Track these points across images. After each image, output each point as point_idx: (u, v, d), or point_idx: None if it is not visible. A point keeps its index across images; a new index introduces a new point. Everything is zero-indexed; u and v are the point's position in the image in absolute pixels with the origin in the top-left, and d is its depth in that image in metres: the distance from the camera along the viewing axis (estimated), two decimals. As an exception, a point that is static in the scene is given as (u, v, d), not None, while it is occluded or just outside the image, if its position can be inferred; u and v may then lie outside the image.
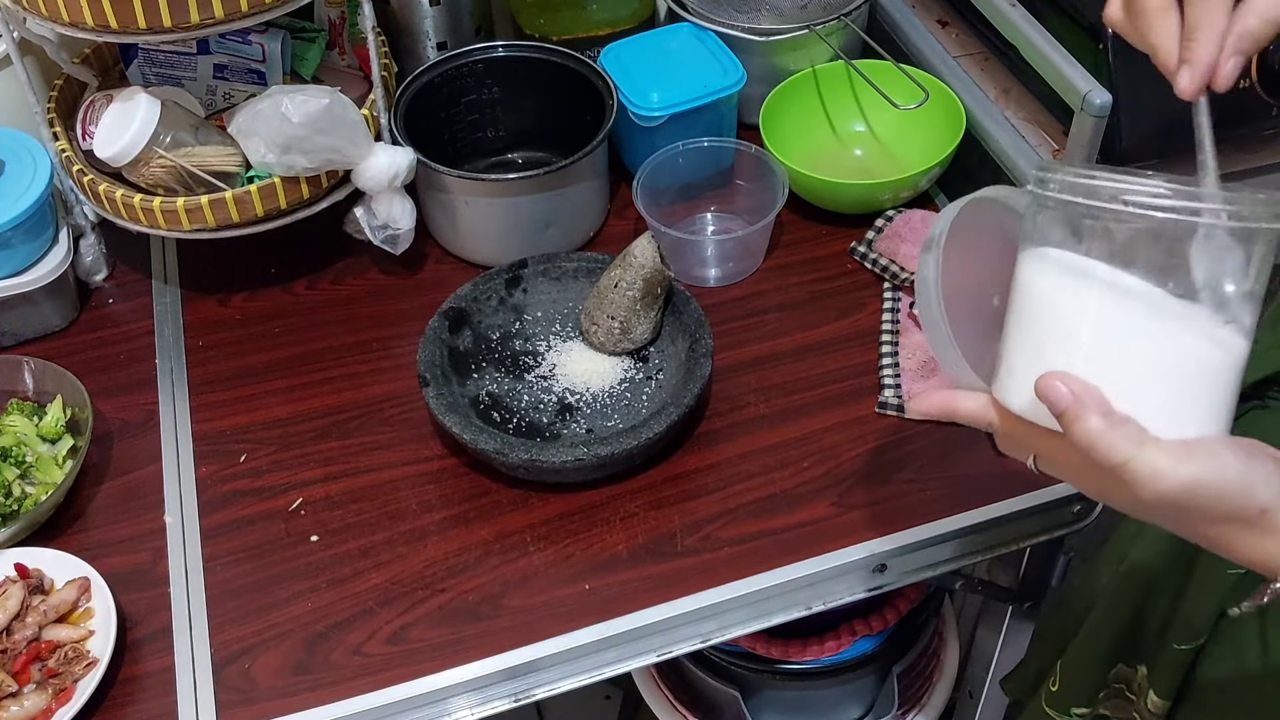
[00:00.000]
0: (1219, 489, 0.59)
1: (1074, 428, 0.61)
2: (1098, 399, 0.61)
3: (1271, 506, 0.59)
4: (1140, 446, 0.59)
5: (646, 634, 0.95)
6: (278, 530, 1.02)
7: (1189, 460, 0.59)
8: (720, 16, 1.30)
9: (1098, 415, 0.60)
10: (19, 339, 1.18)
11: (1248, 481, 0.59)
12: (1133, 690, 0.90)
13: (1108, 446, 0.60)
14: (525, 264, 1.16)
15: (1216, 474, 0.59)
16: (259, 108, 1.07)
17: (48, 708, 0.89)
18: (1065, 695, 0.96)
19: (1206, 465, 0.59)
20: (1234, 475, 0.59)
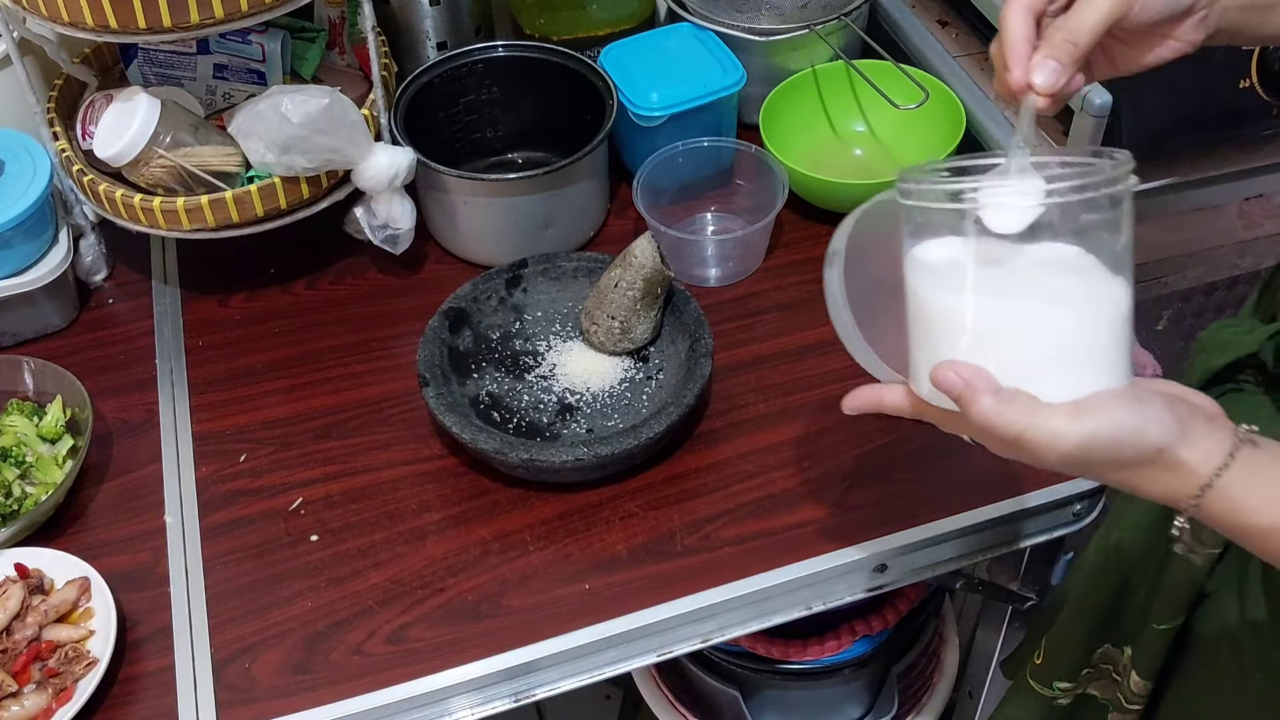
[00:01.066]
0: (1113, 440, 0.63)
1: (970, 410, 0.66)
2: (986, 380, 0.65)
3: (1165, 444, 0.63)
4: (1033, 415, 0.64)
5: (646, 634, 0.95)
6: (277, 530, 1.02)
7: (1081, 419, 0.63)
8: (720, 16, 1.30)
9: (988, 395, 0.65)
10: (19, 339, 1.18)
11: (1138, 427, 0.63)
12: (1119, 672, 0.91)
13: (1004, 422, 0.64)
14: (525, 264, 1.16)
15: (1109, 427, 0.63)
16: (259, 108, 1.07)
17: (48, 708, 0.89)
18: (1048, 669, 0.97)
19: (1099, 420, 0.63)
20: (1125, 424, 0.63)
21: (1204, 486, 0.63)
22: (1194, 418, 0.65)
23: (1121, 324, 0.67)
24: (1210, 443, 0.64)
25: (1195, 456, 0.64)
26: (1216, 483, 0.63)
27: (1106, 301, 0.67)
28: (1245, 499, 0.63)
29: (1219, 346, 0.82)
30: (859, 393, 0.76)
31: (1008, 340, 0.66)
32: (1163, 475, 0.65)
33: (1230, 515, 0.64)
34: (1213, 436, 0.64)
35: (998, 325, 0.67)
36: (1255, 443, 0.65)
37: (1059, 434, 0.63)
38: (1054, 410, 0.64)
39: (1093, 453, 0.64)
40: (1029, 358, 0.66)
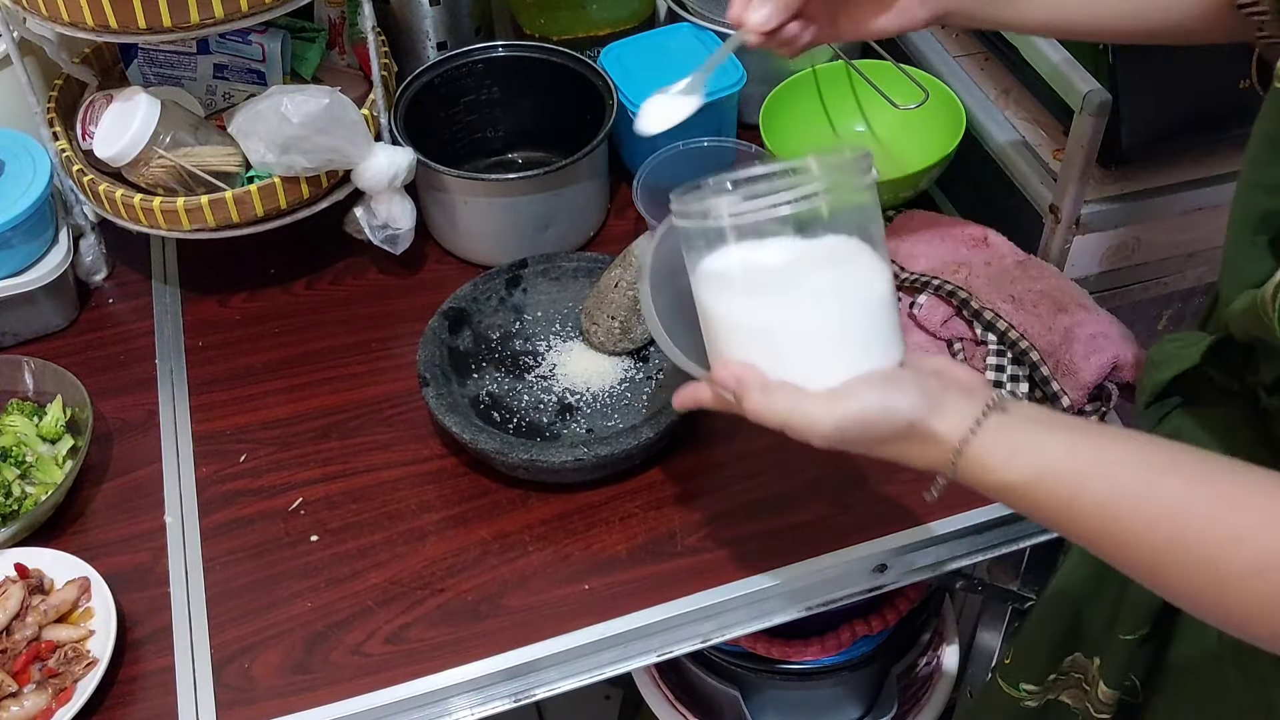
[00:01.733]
0: (863, 420, 0.69)
1: (743, 405, 0.73)
2: (755, 376, 0.73)
3: (914, 419, 0.69)
4: (794, 404, 0.71)
5: (646, 634, 0.95)
6: (277, 530, 1.02)
7: (835, 406, 0.70)
8: (720, 16, 1.30)
9: (756, 390, 0.72)
10: (19, 339, 1.18)
11: (886, 407, 0.69)
12: (1088, 681, 0.91)
13: (770, 413, 0.72)
14: (525, 264, 1.16)
15: (857, 409, 0.69)
16: (259, 108, 1.07)
17: (48, 708, 0.89)
18: (1015, 670, 0.97)
19: (848, 405, 0.70)
20: (873, 405, 0.69)
21: (954, 453, 0.68)
22: (946, 392, 0.70)
23: (877, 305, 0.73)
24: (959, 413, 0.69)
25: (944, 426, 0.68)
26: (965, 449, 0.68)
27: (860, 288, 0.73)
28: (989, 459, 0.67)
29: (1164, 361, 0.84)
30: (681, 391, 0.83)
31: (770, 336, 0.73)
32: (920, 447, 0.70)
33: (980, 475, 0.68)
34: (962, 407, 0.69)
35: (760, 323, 0.74)
36: (1005, 409, 0.69)
37: (816, 419, 0.70)
38: (812, 399, 0.70)
39: (849, 432, 0.70)
40: (791, 351, 0.73)
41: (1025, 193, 1.19)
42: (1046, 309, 1.06)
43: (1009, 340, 1.05)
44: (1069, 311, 1.06)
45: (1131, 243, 1.19)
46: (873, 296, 0.73)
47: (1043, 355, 1.04)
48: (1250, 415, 0.78)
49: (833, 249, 0.73)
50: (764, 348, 0.74)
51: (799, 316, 0.73)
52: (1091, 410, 1.05)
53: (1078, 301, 1.08)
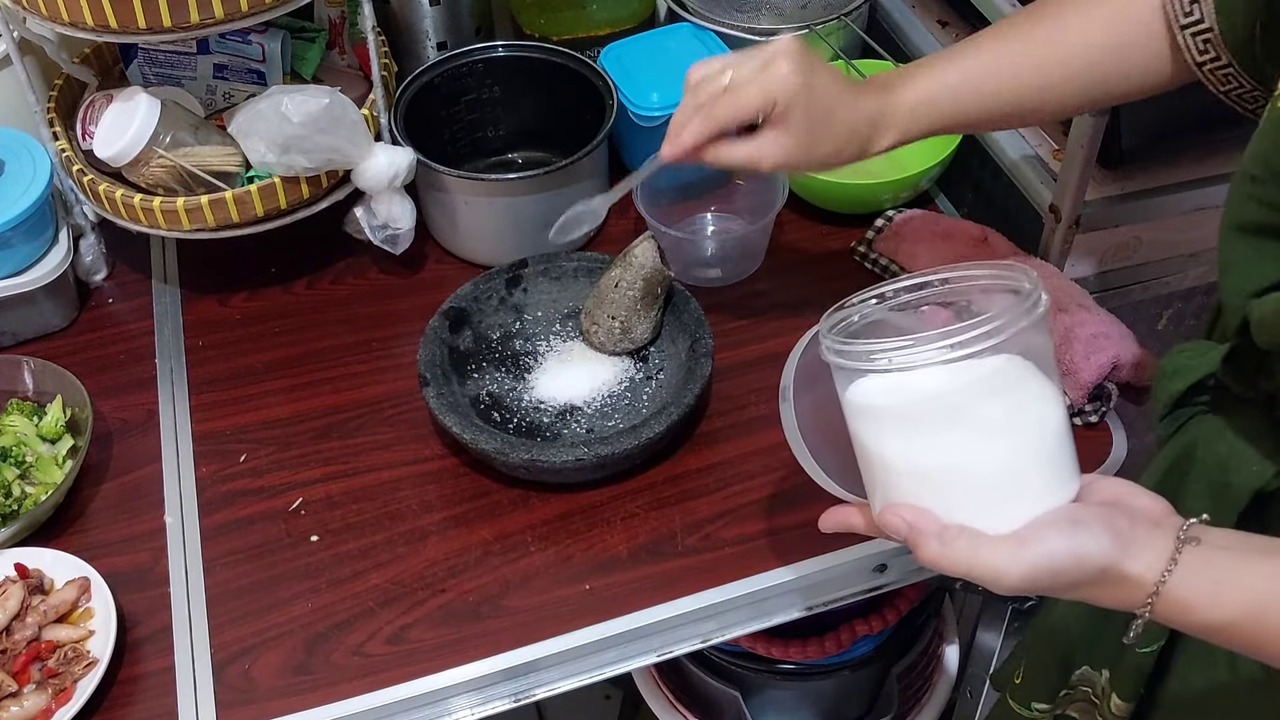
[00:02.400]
0: (1053, 569, 0.64)
1: (917, 554, 0.68)
2: (929, 522, 0.67)
3: (1107, 564, 0.64)
4: (976, 554, 0.65)
5: (646, 634, 0.95)
6: (278, 530, 1.02)
7: (1020, 553, 0.64)
8: (720, 16, 1.30)
9: (932, 539, 0.67)
10: (19, 339, 1.18)
11: (1077, 554, 0.64)
12: (1097, 694, 0.91)
13: (949, 563, 0.66)
14: (525, 264, 1.16)
15: (1047, 557, 0.64)
16: (259, 108, 1.07)
17: (48, 708, 0.89)
18: (1027, 690, 0.97)
19: (1036, 553, 0.64)
20: (1063, 553, 0.64)
21: (1152, 595, 0.64)
22: (1135, 529, 0.65)
23: (1054, 438, 0.68)
24: (1152, 552, 0.65)
25: (1139, 568, 0.64)
26: (1163, 590, 0.64)
27: (1035, 421, 0.67)
28: (1191, 600, 0.64)
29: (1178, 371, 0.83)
30: (830, 515, 0.78)
31: (942, 478, 0.67)
32: (1112, 590, 0.66)
33: (1183, 617, 0.65)
34: (1154, 544, 0.65)
35: (931, 465, 0.68)
36: (1198, 540, 0.65)
37: (1001, 571, 0.65)
38: (994, 546, 0.65)
39: (1038, 581, 0.65)
40: (966, 493, 0.67)
41: (1025, 193, 1.19)
42: (1047, 309, 1.06)
43: (1009, 340, 1.05)
44: (1069, 311, 1.06)
45: (1132, 243, 1.19)
46: (1048, 428, 0.67)
47: (1043, 356, 1.04)
48: (1267, 422, 0.77)
49: (1000, 373, 0.67)
50: (934, 490, 0.68)
51: (971, 455, 0.67)
52: (1091, 410, 1.05)
53: (1078, 301, 1.08)
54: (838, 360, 0.69)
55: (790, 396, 0.78)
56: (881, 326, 0.71)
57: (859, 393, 0.70)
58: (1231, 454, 0.78)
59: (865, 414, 0.70)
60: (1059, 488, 0.67)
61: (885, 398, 0.68)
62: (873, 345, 0.66)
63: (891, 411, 0.68)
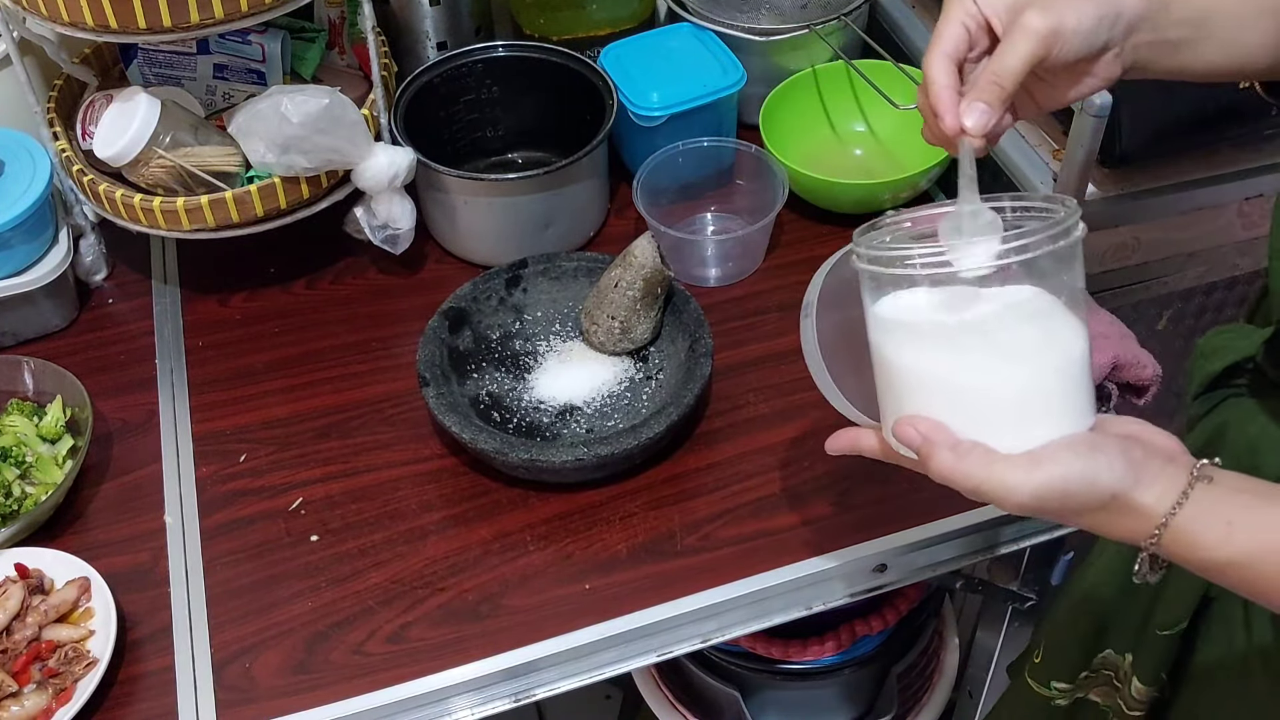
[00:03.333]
0: (1066, 491, 0.65)
1: (929, 465, 0.68)
2: (944, 435, 0.67)
3: (1118, 490, 0.65)
4: (989, 468, 0.66)
5: (646, 634, 0.95)
6: (278, 530, 1.02)
7: (1034, 472, 0.65)
8: (720, 16, 1.30)
9: (946, 450, 0.67)
10: (19, 339, 1.18)
11: (1090, 478, 0.64)
12: (1119, 678, 0.91)
13: (961, 475, 0.66)
14: (525, 264, 1.16)
15: (1060, 478, 0.65)
16: (259, 108, 1.07)
17: (48, 708, 0.89)
18: (1046, 668, 0.97)
19: (1050, 472, 0.65)
20: (1076, 474, 0.64)
21: (1160, 526, 0.65)
22: (1149, 460, 0.66)
23: (1077, 368, 0.68)
24: (1164, 483, 0.65)
25: (1149, 498, 0.65)
26: (1171, 522, 0.64)
27: (1059, 350, 0.68)
28: (1199, 536, 0.64)
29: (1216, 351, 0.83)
30: (839, 436, 0.78)
31: (963, 395, 0.68)
32: (1120, 518, 0.66)
33: (1187, 552, 0.65)
34: (1167, 477, 0.65)
35: (953, 381, 0.68)
36: (1211, 478, 0.65)
37: (1013, 487, 0.65)
38: (1009, 463, 0.66)
39: (1047, 501, 0.65)
40: (985, 411, 0.68)
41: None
42: (1047, 309, 1.06)
43: (1009, 340, 1.05)
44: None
45: (1131, 242, 1.19)
46: (1074, 357, 0.68)
47: (1043, 355, 1.04)
48: None
49: (1032, 301, 0.68)
50: (955, 405, 0.68)
51: (997, 375, 0.67)
52: (1091, 410, 1.05)
53: (1078, 301, 1.08)
54: (871, 268, 0.69)
55: (813, 312, 0.78)
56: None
57: (887, 306, 0.70)
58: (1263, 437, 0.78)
59: (891, 328, 0.70)
60: (1076, 416, 0.68)
61: (913, 313, 0.69)
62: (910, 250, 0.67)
63: (918, 326, 0.69)
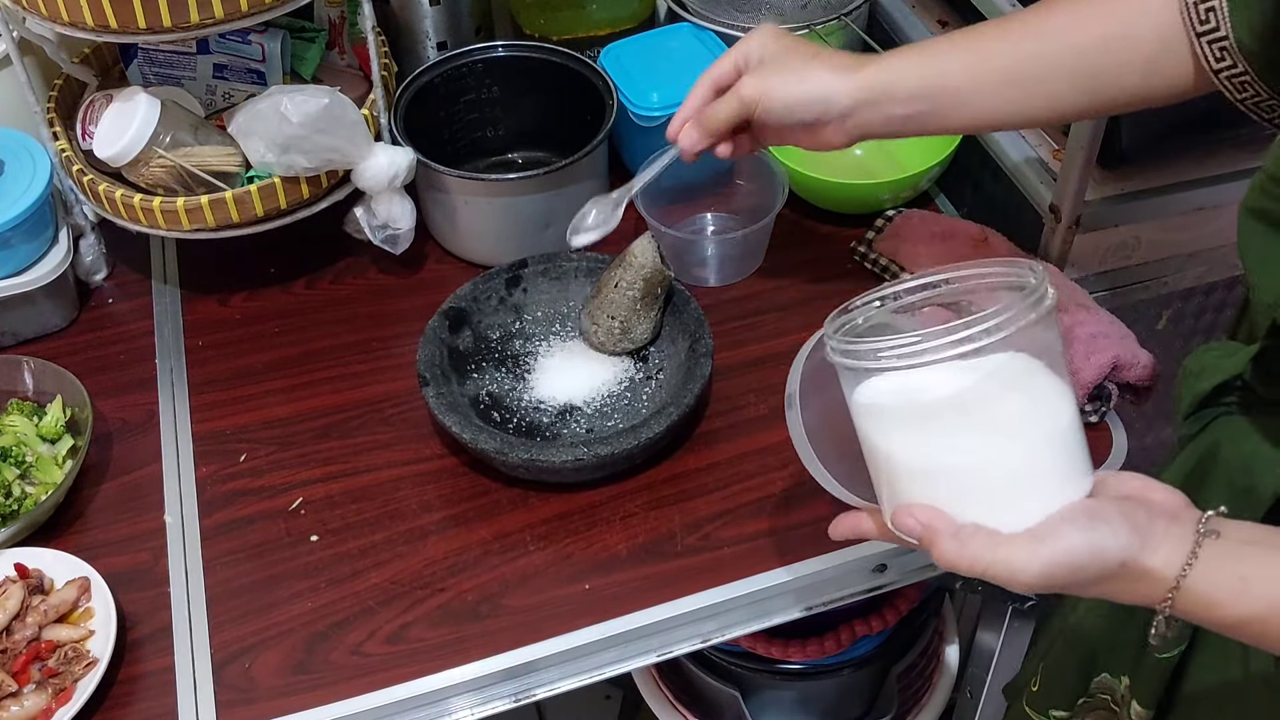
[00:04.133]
0: (1073, 565, 0.64)
1: (933, 554, 0.67)
2: (943, 521, 0.66)
3: (1126, 558, 0.64)
4: (993, 551, 0.65)
5: (646, 634, 0.95)
6: (278, 530, 1.02)
7: (1038, 551, 0.64)
8: (720, 16, 1.30)
9: (947, 538, 0.66)
10: (19, 339, 1.18)
11: (1095, 549, 0.63)
12: (1116, 701, 0.91)
13: (967, 563, 0.65)
14: (525, 264, 1.16)
15: (1064, 554, 0.64)
16: (259, 108, 1.07)
17: (48, 708, 0.89)
18: (1044, 696, 0.97)
19: (1054, 549, 0.64)
20: (1081, 549, 0.63)
21: (1172, 590, 0.64)
22: (1153, 523, 0.65)
23: (1066, 433, 0.67)
24: (1171, 544, 0.64)
25: (1157, 561, 0.64)
26: (1184, 584, 0.63)
27: (1047, 417, 0.67)
28: (1213, 595, 0.63)
29: (1204, 371, 0.83)
30: (841, 521, 0.78)
31: (956, 477, 0.67)
32: (1131, 585, 0.65)
33: (1204, 612, 0.64)
34: (1174, 537, 0.64)
35: (943, 464, 0.67)
36: (1218, 533, 0.64)
37: (1018, 569, 0.64)
38: (1011, 545, 0.65)
39: (1056, 577, 0.64)
40: (980, 491, 0.66)
41: (1025, 193, 1.19)
42: (1046, 309, 1.06)
43: (1009, 340, 1.05)
44: (1069, 311, 1.06)
45: (1131, 242, 1.19)
46: (1061, 423, 0.67)
47: (1043, 356, 1.04)
48: None
49: (1009, 369, 0.66)
50: (946, 489, 0.67)
51: (983, 453, 0.66)
52: (1091, 410, 1.05)
53: (1078, 301, 1.08)
54: (844, 361, 0.69)
55: (796, 404, 0.78)
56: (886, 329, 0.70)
57: (867, 393, 0.69)
58: (1256, 456, 0.77)
59: (873, 414, 0.69)
60: (1073, 483, 0.67)
61: (893, 397, 0.68)
62: (879, 344, 0.66)
63: (900, 411, 0.68)
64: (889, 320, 0.71)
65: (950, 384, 0.66)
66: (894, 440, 0.68)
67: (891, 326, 0.71)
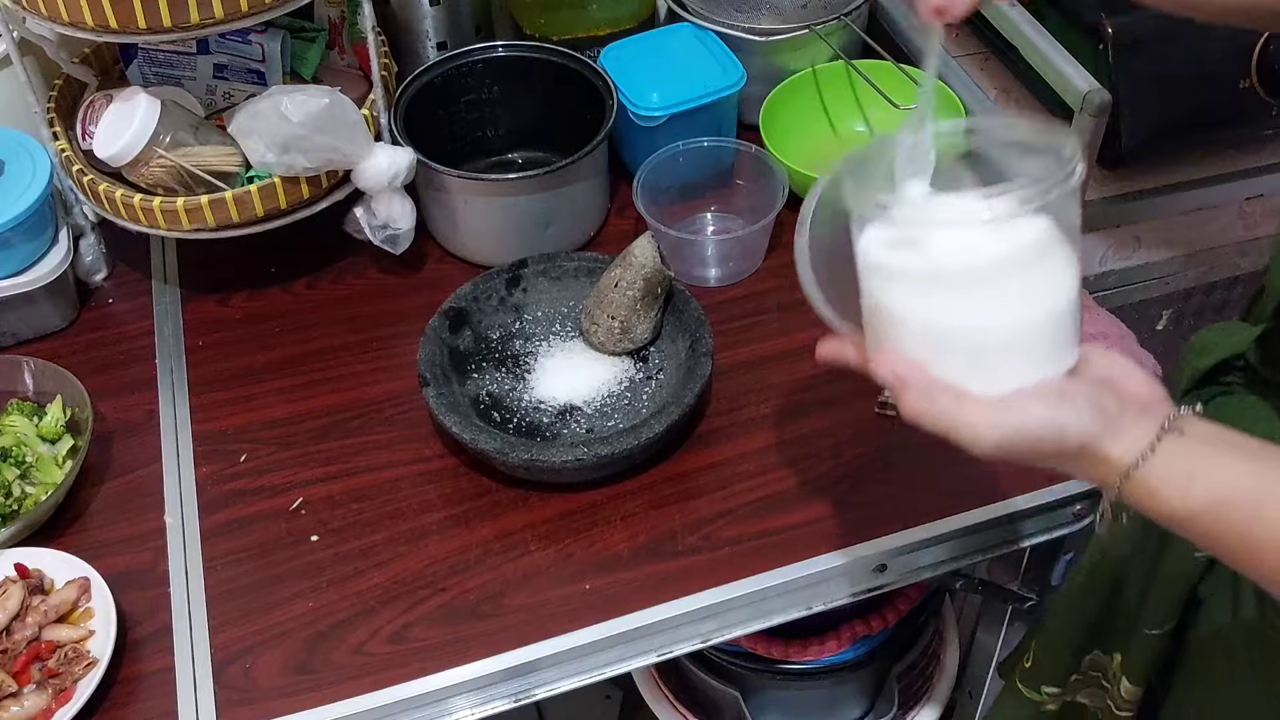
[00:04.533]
0: (1033, 438, 0.65)
1: (900, 403, 0.68)
2: (917, 375, 0.67)
3: (1085, 441, 0.64)
4: (957, 413, 0.65)
5: (646, 634, 0.95)
6: (278, 530, 1.02)
7: (1002, 419, 0.65)
8: (720, 16, 1.30)
9: (917, 391, 0.67)
10: (19, 339, 1.18)
11: (1057, 426, 0.64)
12: (1108, 678, 0.91)
13: (929, 419, 0.66)
14: (525, 264, 1.16)
15: (1028, 427, 0.64)
16: (259, 107, 1.07)
17: (48, 708, 0.89)
18: (1036, 672, 0.97)
19: (1018, 420, 0.64)
20: (1044, 424, 0.64)
21: (1123, 477, 0.65)
22: (1123, 412, 0.65)
23: (1061, 311, 0.67)
24: (1133, 435, 0.65)
25: (1117, 450, 0.65)
26: (1134, 474, 0.64)
27: (1046, 292, 0.66)
28: (1159, 490, 0.64)
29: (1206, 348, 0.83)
30: (828, 343, 0.77)
31: (940, 335, 0.67)
32: (1086, 466, 0.66)
33: (1148, 502, 0.65)
34: (1139, 429, 0.65)
35: (931, 321, 0.67)
36: (1182, 430, 0.65)
37: (980, 434, 0.65)
38: (977, 408, 0.65)
39: (1015, 448, 0.65)
40: (960, 353, 0.67)
41: (1025, 193, 1.19)
42: (1046, 309, 1.06)
43: (1009, 340, 1.05)
44: (1069, 311, 1.06)
45: (1131, 242, 1.20)
46: (1060, 301, 0.66)
47: (1043, 355, 1.04)
48: None
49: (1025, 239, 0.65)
50: (929, 345, 0.67)
51: (974, 317, 0.66)
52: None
53: (1078, 301, 1.08)
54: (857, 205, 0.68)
55: (806, 230, 0.77)
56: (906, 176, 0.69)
57: (872, 240, 0.69)
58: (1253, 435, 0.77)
59: (875, 262, 0.69)
60: (1055, 359, 0.67)
61: (896, 249, 0.67)
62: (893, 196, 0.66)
63: (900, 263, 0.67)
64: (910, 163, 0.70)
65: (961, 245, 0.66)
66: (892, 291, 0.68)
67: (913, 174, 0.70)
